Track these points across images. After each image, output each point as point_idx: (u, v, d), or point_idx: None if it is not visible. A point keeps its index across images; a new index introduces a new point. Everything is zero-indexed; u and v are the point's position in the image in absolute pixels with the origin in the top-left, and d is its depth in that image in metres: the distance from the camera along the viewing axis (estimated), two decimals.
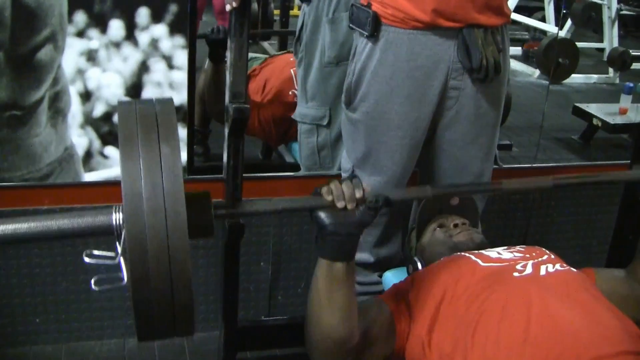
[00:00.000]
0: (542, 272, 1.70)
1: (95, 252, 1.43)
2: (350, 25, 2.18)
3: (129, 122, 1.33)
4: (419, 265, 1.98)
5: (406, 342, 1.75)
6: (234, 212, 1.65)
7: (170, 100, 1.40)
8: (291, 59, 3.38)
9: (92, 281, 1.40)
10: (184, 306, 1.32)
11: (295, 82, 3.32)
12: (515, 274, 1.69)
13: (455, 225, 2.00)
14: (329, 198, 1.58)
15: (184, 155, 2.55)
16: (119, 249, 1.35)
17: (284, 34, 5.01)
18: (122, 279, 1.34)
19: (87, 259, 1.44)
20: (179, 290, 1.28)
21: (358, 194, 1.58)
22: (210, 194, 1.50)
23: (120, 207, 1.35)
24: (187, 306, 1.32)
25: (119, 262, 1.35)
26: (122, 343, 2.72)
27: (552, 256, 1.80)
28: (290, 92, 3.38)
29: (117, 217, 1.35)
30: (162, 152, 1.29)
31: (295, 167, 3.12)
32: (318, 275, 1.65)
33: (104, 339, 2.71)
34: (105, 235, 1.38)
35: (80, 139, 2.45)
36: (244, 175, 1.97)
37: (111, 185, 2.50)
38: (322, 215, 1.59)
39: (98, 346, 2.70)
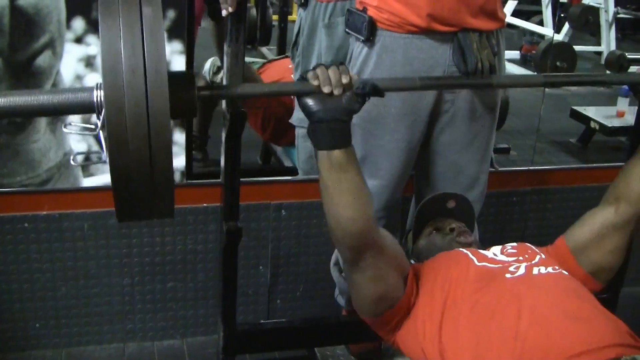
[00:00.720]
0: (535, 272, 1.72)
1: (76, 122, 1.39)
2: (347, 30, 2.19)
3: None
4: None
5: (406, 315, 1.78)
6: (219, 92, 1.62)
7: None
8: (289, 66, 3.41)
9: (71, 158, 1.38)
10: (163, 177, 1.29)
11: None
12: (508, 275, 1.71)
13: (452, 229, 2.01)
14: (315, 83, 1.57)
15: (182, 161, 2.56)
16: (99, 125, 1.33)
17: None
18: (103, 155, 1.33)
19: (66, 130, 1.42)
20: (159, 158, 1.26)
21: (345, 79, 1.57)
22: (194, 75, 1.47)
23: (102, 85, 1.32)
24: (167, 177, 1.30)
25: (99, 135, 1.34)
26: (122, 348, 2.73)
27: (543, 256, 1.82)
28: (291, 96, 3.40)
29: (98, 94, 1.33)
30: (143, 14, 1.26)
31: (293, 171, 3.14)
32: (321, 169, 1.63)
33: (104, 343, 2.72)
34: (85, 112, 1.36)
35: (79, 144, 2.45)
36: (242, 179, 1.99)
37: (110, 190, 2.51)
38: (309, 101, 1.58)
39: (98, 351, 2.71)
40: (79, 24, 2.34)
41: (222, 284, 2.08)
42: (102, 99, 1.28)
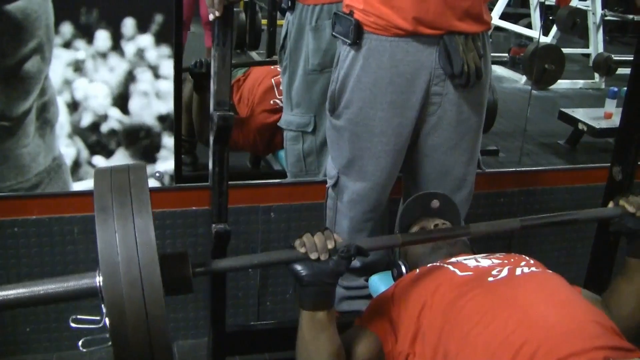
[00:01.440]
0: (518, 272, 1.73)
1: (81, 317, 1.48)
2: (333, 33, 2.21)
3: (104, 195, 1.39)
4: (403, 269, 2.00)
5: (391, 356, 1.78)
6: (211, 269, 1.69)
7: (143, 167, 1.48)
8: (271, 68, 3.43)
9: (80, 343, 1.46)
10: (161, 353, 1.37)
11: (276, 91, 3.37)
12: (490, 278, 1.71)
13: (435, 226, 2.02)
14: (302, 250, 1.63)
15: (171, 164, 2.57)
16: (105, 310, 1.38)
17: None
18: (109, 339, 1.39)
19: (73, 324, 1.50)
20: (159, 354, 1.35)
21: (330, 245, 1.64)
22: (187, 254, 1.56)
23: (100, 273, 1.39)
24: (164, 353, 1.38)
25: (105, 324, 1.38)
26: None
27: (532, 261, 1.83)
28: (271, 101, 3.42)
29: (100, 280, 1.38)
30: (135, 225, 1.36)
31: (282, 174, 3.15)
32: (302, 326, 1.71)
33: (94, 347, 2.72)
34: (89, 297, 1.41)
35: (68, 148, 2.47)
36: (231, 182, 2.00)
37: None
38: (298, 267, 1.65)
39: (88, 355, 2.71)
40: (67, 28, 2.35)
41: (212, 286, 2.09)
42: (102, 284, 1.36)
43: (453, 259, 1.87)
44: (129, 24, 2.39)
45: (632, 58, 2.40)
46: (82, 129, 2.46)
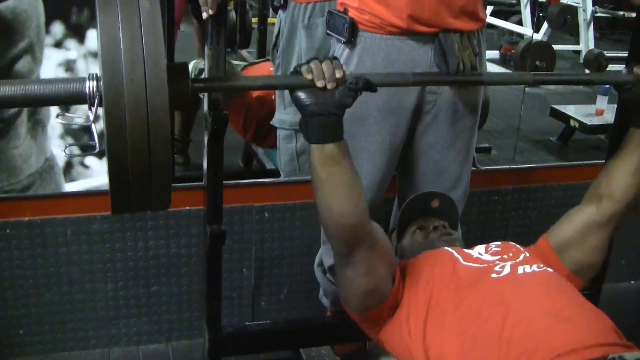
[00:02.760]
0: (520, 271, 1.73)
1: (68, 114, 1.41)
2: (328, 31, 2.19)
3: None
4: None
5: (392, 313, 1.79)
6: (212, 85, 1.63)
7: None
8: (270, 69, 3.41)
9: (63, 149, 1.38)
10: (161, 168, 1.30)
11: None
12: (493, 275, 1.72)
13: (435, 228, 2.02)
14: (309, 77, 1.58)
15: None
16: (92, 116, 1.35)
17: None
18: (95, 146, 1.34)
19: (59, 119, 1.43)
20: (157, 149, 1.27)
21: (338, 74, 1.60)
22: (187, 65, 1.50)
23: (95, 75, 1.34)
24: (165, 168, 1.31)
25: (90, 127, 1.35)
26: (107, 353, 2.72)
27: (528, 254, 1.83)
28: (272, 97, 3.40)
29: (91, 85, 1.34)
30: (141, 6, 1.29)
31: (275, 173, 3.14)
32: (314, 163, 1.65)
33: (88, 349, 2.71)
34: (77, 103, 1.37)
35: (60, 149, 2.45)
36: (225, 182, 1.99)
37: (92, 195, 2.51)
38: (302, 95, 1.60)
39: (82, 356, 2.70)
40: (58, 28, 2.33)
41: (207, 287, 2.08)
42: (96, 89, 1.30)
43: (456, 248, 1.88)
44: None
45: (622, 54, 2.40)
46: (74, 129, 2.44)
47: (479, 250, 1.88)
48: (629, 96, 1.93)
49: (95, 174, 2.47)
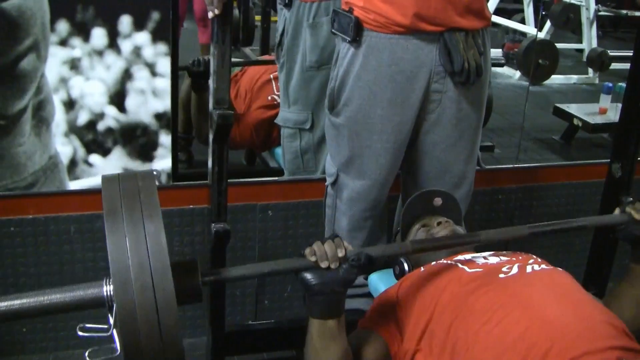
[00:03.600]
0: (528, 270, 1.72)
1: (88, 325, 1.46)
2: (333, 30, 2.19)
3: (113, 199, 1.39)
4: (405, 266, 2.00)
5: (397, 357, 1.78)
6: (220, 278, 1.67)
7: (152, 174, 1.47)
8: (271, 73, 3.42)
9: (87, 353, 1.44)
10: None
11: (274, 86, 3.35)
12: (501, 275, 1.71)
13: (439, 224, 2.02)
14: (313, 259, 1.61)
15: (168, 162, 2.55)
16: (112, 321, 1.37)
17: None
18: (116, 349, 1.37)
19: (80, 333, 1.48)
20: (170, 355, 1.32)
21: (340, 253, 1.62)
22: (197, 262, 1.53)
23: (110, 280, 1.37)
24: None
25: (112, 334, 1.37)
26: None
27: (539, 259, 1.82)
28: (269, 97, 3.40)
29: (108, 289, 1.38)
30: (146, 230, 1.34)
31: (279, 172, 3.14)
32: (312, 333, 1.69)
33: (91, 346, 2.70)
34: (96, 307, 1.40)
35: (64, 147, 2.45)
36: (229, 181, 1.99)
37: (96, 194, 2.49)
38: (308, 276, 1.62)
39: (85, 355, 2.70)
40: (63, 26, 2.33)
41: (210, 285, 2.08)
42: (112, 293, 1.34)
43: (460, 257, 1.86)
44: (125, 22, 2.38)
45: (625, 53, 2.40)
46: (79, 127, 2.44)
47: (485, 255, 1.87)
48: (625, 236, 1.92)
49: (99, 172, 2.48)
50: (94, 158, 2.49)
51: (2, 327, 2.60)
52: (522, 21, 7.67)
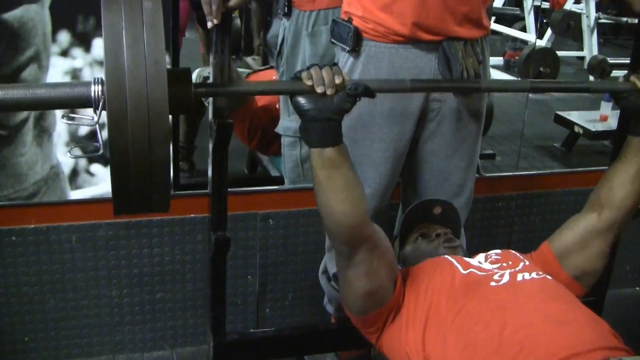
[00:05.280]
0: (519, 278, 1.74)
1: (73, 115, 1.45)
2: (332, 40, 2.20)
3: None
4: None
5: (394, 317, 1.81)
6: (214, 90, 1.66)
7: None
8: (274, 77, 3.42)
9: (68, 150, 1.43)
10: (161, 167, 1.35)
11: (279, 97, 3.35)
12: (492, 283, 1.73)
13: (437, 235, 2.03)
14: (309, 83, 1.61)
15: (169, 172, 2.56)
16: (96, 119, 1.39)
17: None
18: (99, 147, 1.37)
19: (64, 120, 1.46)
20: (157, 148, 1.31)
21: (338, 80, 1.62)
22: (190, 71, 1.53)
23: (100, 80, 1.37)
24: (164, 168, 1.35)
25: (96, 130, 1.39)
26: (112, 359, 2.73)
27: (527, 263, 1.85)
28: (277, 106, 3.41)
29: (96, 89, 1.37)
30: (143, 7, 1.33)
31: (280, 180, 3.14)
32: (314, 166, 1.69)
33: (93, 355, 2.72)
34: (82, 107, 1.41)
35: (66, 157, 2.46)
36: (229, 190, 2.00)
37: (98, 203, 2.52)
38: (302, 100, 1.63)
39: None
40: (64, 37, 2.34)
41: (211, 293, 2.09)
42: (101, 92, 1.35)
43: (457, 257, 1.89)
44: None
45: (626, 61, 2.40)
46: (80, 137, 2.45)
47: (479, 259, 1.89)
48: (625, 104, 1.95)
49: (101, 181, 2.49)
50: (96, 168, 2.49)
51: (4, 337, 2.61)
52: (523, 29, 7.68)
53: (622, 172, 1.93)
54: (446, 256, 1.90)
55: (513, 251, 1.96)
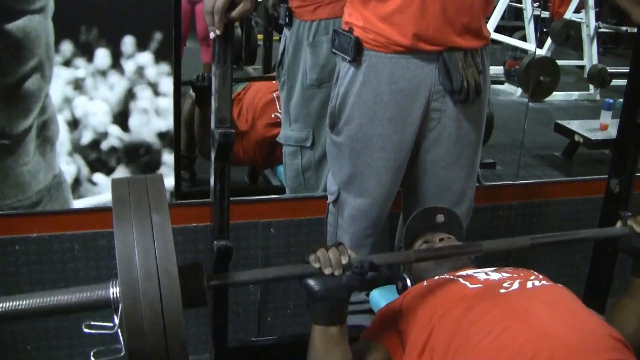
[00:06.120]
0: (529, 285, 1.74)
1: (94, 323, 1.48)
2: (333, 50, 2.22)
3: (122, 194, 1.41)
4: (408, 282, 2.01)
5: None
6: (226, 282, 1.69)
7: (160, 176, 1.49)
8: (273, 82, 3.44)
9: (92, 353, 1.46)
10: None
11: (277, 105, 3.37)
12: (502, 290, 1.73)
13: (441, 240, 2.03)
14: (317, 265, 1.64)
15: (171, 181, 2.57)
16: (117, 321, 1.39)
17: None
18: (121, 349, 1.39)
19: (86, 330, 1.50)
20: (174, 352, 1.33)
21: (344, 260, 1.64)
22: (202, 265, 1.55)
23: (117, 282, 1.40)
24: None
25: (117, 333, 1.39)
26: None
27: (540, 276, 1.84)
28: (272, 115, 3.43)
29: (114, 291, 1.40)
30: (153, 221, 1.36)
31: (281, 189, 3.15)
32: (315, 340, 1.71)
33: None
34: (103, 309, 1.42)
35: (68, 166, 2.47)
36: (231, 199, 2.00)
37: (100, 212, 2.52)
38: (311, 282, 1.65)
39: None
40: (67, 47, 2.36)
41: (213, 302, 2.09)
42: (119, 295, 1.36)
43: (462, 272, 1.88)
44: (128, 42, 2.40)
45: (626, 70, 2.42)
46: (83, 146, 2.46)
47: (487, 271, 1.89)
48: (625, 247, 1.94)
49: (103, 191, 2.50)
50: (98, 177, 2.51)
51: (7, 345, 2.61)
52: (523, 38, 7.70)
53: (631, 310, 1.92)
54: (452, 277, 1.89)
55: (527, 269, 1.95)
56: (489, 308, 1.67)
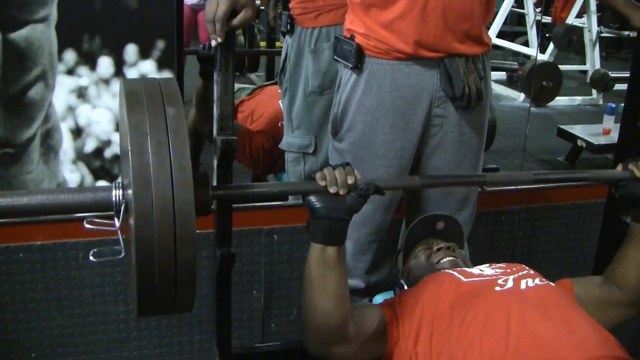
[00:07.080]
0: (523, 286, 1.75)
1: (96, 220, 1.47)
2: (335, 57, 2.23)
3: (134, 87, 1.40)
4: (405, 287, 2.02)
5: (394, 349, 1.80)
6: (231, 193, 1.70)
7: (173, 78, 1.46)
8: (279, 91, 3.44)
9: (91, 253, 1.45)
10: (186, 268, 1.35)
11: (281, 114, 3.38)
12: (497, 288, 1.74)
13: (439, 249, 2.04)
14: (322, 183, 1.64)
15: None
16: (118, 224, 1.41)
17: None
18: (120, 251, 1.38)
19: (87, 225, 1.48)
20: (183, 249, 1.32)
21: (350, 181, 1.65)
22: (208, 175, 1.56)
23: (120, 184, 1.40)
24: (190, 269, 1.35)
25: (118, 234, 1.41)
26: None
27: (532, 272, 1.86)
28: (279, 124, 3.43)
29: (117, 193, 1.40)
30: (167, 113, 1.35)
31: (283, 196, 3.16)
32: (310, 261, 1.71)
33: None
34: (104, 211, 1.44)
35: (72, 174, 2.48)
36: (234, 205, 2.01)
37: (104, 219, 2.53)
38: (314, 199, 1.65)
39: None
40: (70, 56, 2.37)
41: (217, 309, 2.10)
42: (121, 197, 1.38)
43: (457, 268, 1.90)
44: (131, 51, 2.41)
45: (627, 74, 2.43)
46: (86, 154, 2.47)
47: (481, 267, 1.90)
48: (624, 192, 1.95)
49: None
50: (101, 185, 2.51)
51: (12, 353, 2.62)
52: (526, 44, 7.72)
53: (633, 259, 1.93)
54: (446, 271, 1.91)
55: (519, 264, 1.96)
56: (483, 306, 1.69)
